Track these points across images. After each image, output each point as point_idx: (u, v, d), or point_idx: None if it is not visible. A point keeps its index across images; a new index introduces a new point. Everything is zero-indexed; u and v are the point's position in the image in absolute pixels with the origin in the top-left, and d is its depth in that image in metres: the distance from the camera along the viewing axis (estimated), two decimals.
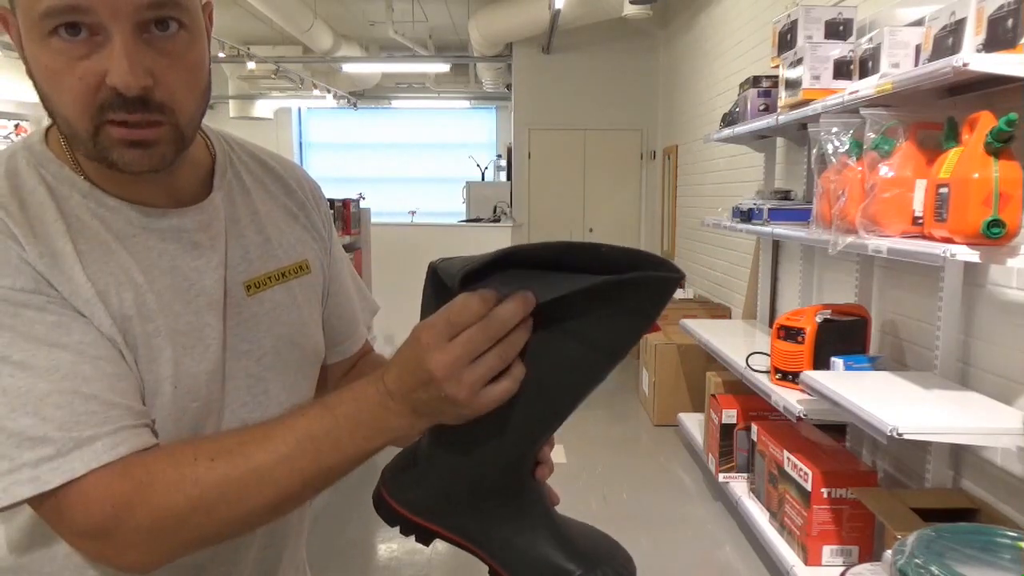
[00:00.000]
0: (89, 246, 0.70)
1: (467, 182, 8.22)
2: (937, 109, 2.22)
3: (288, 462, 0.63)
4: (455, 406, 0.59)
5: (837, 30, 2.86)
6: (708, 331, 3.71)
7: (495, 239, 6.77)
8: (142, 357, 0.70)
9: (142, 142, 0.67)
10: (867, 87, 2.23)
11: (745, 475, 3.17)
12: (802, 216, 2.95)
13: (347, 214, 4.16)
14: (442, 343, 0.58)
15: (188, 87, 0.69)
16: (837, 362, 2.45)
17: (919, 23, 2.24)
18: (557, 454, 3.71)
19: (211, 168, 0.81)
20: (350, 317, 0.97)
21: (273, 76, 7.94)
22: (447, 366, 0.57)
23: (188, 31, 0.68)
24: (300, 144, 11.37)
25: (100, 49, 0.64)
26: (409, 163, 11.31)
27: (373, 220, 4.96)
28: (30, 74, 0.67)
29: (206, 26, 0.72)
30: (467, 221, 7.54)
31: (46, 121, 0.73)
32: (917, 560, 1.57)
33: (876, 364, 2.49)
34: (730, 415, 3.22)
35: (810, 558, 2.40)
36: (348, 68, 8.72)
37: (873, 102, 2.22)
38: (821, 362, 2.53)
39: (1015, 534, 1.67)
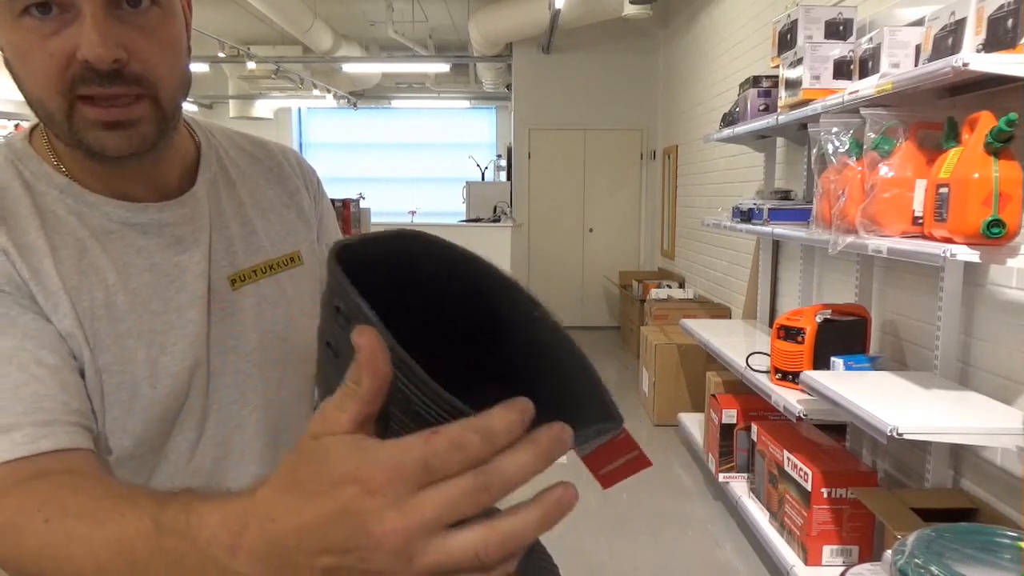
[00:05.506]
0: (63, 242, 0.69)
1: (467, 182, 8.22)
2: (937, 109, 2.22)
3: (99, 572, 0.48)
4: None
5: (837, 30, 2.86)
6: (708, 331, 3.71)
7: (495, 239, 6.78)
8: (115, 358, 0.69)
9: (120, 123, 0.64)
10: (867, 87, 2.23)
11: (745, 475, 3.17)
12: (802, 216, 2.95)
13: (347, 214, 4.17)
14: (405, 494, 0.34)
15: (165, 62, 0.67)
16: (837, 362, 2.45)
17: (919, 23, 2.24)
18: None
19: (196, 160, 0.79)
20: None
21: (273, 76, 7.94)
22: (408, 536, 0.34)
23: (161, 7, 0.66)
24: (300, 144, 11.36)
25: (70, 25, 0.62)
26: (409, 163, 11.30)
27: (373, 220, 4.97)
28: (5, 61, 0.65)
29: (184, 10, 0.71)
30: (467, 221, 7.54)
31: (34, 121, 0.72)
32: (917, 560, 1.57)
33: (876, 364, 2.48)
34: (730, 415, 3.21)
35: (810, 558, 2.40)
36: (348, 68, 8.71)
37: (873, 102, 2.22)
38: (821, 362, 2.53)
39: (1015, 534, 1.67)
